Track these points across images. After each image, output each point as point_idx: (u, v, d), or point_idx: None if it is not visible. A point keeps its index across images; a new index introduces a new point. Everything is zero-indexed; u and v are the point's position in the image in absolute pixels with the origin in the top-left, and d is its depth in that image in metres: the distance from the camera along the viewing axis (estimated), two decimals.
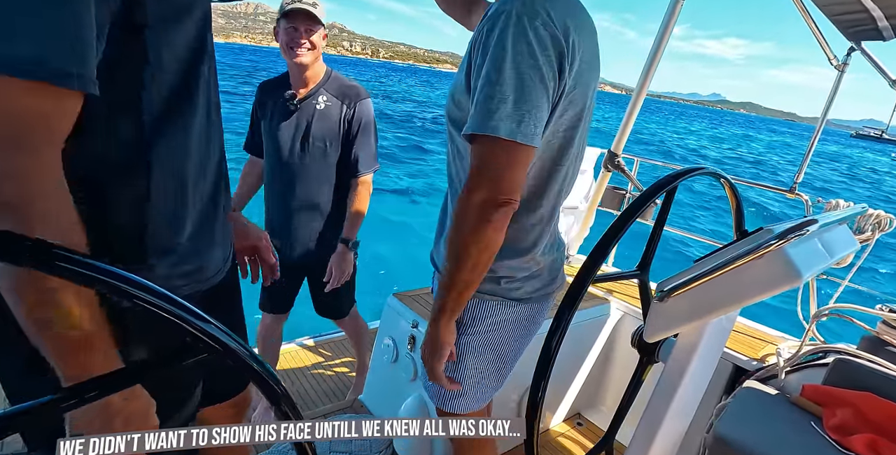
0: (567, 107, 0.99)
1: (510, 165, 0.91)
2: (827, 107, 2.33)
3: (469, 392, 1.20)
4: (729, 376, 1.93)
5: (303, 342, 2.96)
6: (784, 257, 0.90)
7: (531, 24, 0.88)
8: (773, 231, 0.95)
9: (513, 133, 0.88)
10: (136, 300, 0.52)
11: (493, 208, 0.91)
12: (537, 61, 0.88)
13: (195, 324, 0.56)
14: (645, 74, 2.45)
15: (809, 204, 2.23)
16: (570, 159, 1.08)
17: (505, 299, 1.13)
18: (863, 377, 1.50)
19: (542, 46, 0.88)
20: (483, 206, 0.91)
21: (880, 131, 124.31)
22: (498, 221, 0.92)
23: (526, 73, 0.88)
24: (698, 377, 1.26)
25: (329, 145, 1.97)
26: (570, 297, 1.05)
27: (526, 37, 0.87)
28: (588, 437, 2.26)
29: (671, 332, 1.15)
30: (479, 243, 0.93)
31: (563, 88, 0.95)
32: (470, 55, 0.97)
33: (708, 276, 0.99)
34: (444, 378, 1.09)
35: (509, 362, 1.23)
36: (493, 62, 0.88)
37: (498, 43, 0.88)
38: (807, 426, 1.44)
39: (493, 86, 0.88)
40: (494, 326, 1.15)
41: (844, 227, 1.23)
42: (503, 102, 0.88)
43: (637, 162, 2.81)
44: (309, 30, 1.84)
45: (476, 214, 0.91)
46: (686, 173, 1.17)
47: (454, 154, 1.11)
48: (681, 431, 1.34)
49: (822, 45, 2.20)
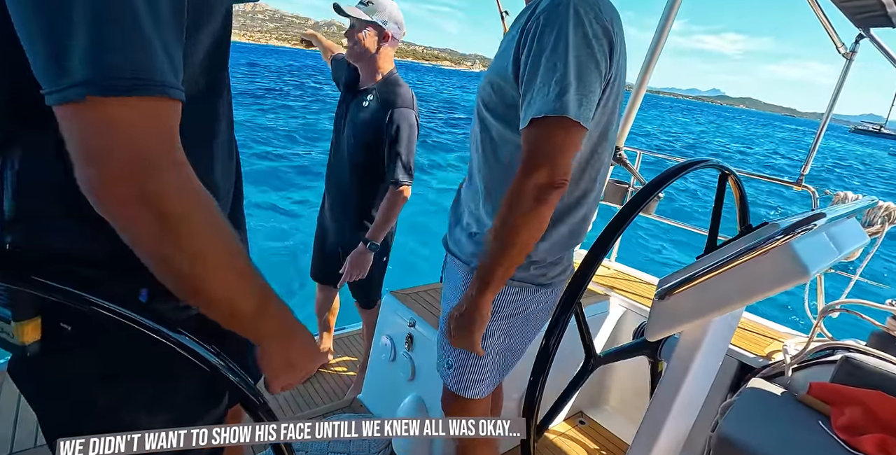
0: (609, 95, 1.06)
1: (568, 146, 0.98)
2: (834, 96, 2.27)
3: (487, 377, 1.27)
4: (735, 374, 1.89)
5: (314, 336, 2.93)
6: (791, 253, 0.86)
7: (587, 16, 0.96)
8: (779, 226, 0.90)
9: (578, 115, 0.95)
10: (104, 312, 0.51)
11: (550, 189, 0.97)
12: (593, 50, 0.97)
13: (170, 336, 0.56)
14: (645, 68, 2.41)
15: (817, 196, 2.18)
16: (606, 148, 1.16)
17: (532, 285, 1.19)
18: (871, 375, 1.46)
19: (597, 37, 0.97)
20: (542, 187, 0.96)
21: (879, 126, 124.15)
22: (552, 202, 0.98)
23: (584, 61, 0.96)
24: (702, 375, 1.22)
25: (362, 144, 2.04)
26: (571, 292, 1.01)
27: (584, 27, 0.96)
28: (590, 435, 2.22)
29: (673, 330, 1.11)
30: (534, 223, 0.99)
31: (610, 77, 1.03)
32: (519, 43, 1.03)
33: (711, 272, 0.95)
34: (479, 345, 1.12)
35: (521, 350, 1.30)
36: (555, 51, 0.96)
37: (559, 34, 0.96)
38: (814, 426, 1.40)
39: (555, 72, 0.95)
40: (515, 312, 1.21)
41: (853, 220, 1.18)
42: (568, 87, 0.95)
43: (640, 155, 2.76)
44: (351, 26, 1.98)
45: (534, 195, 0.97)
46: (689, 166, 1.13)
47: (486, 142, 1.16)
48: (685, 430, 1.31)
49: (830, 32, 2.14)
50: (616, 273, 2.58)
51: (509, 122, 1.10)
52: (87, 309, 0.57)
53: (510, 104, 1.08)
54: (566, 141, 0.97)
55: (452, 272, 1.28)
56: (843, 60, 2.17)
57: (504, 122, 1.11)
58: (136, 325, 0.59)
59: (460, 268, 1.25)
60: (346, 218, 2.18)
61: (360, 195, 2.13)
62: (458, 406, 1.32)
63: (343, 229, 2.21)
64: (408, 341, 1.85)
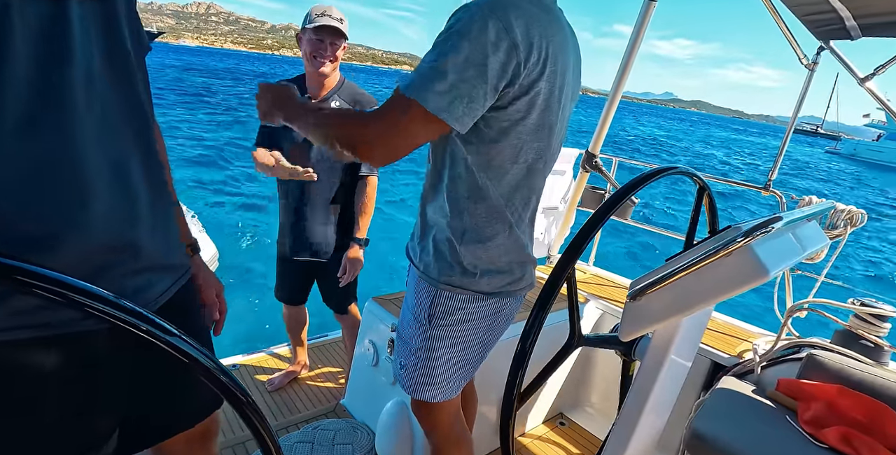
0: (522, 112, 1.05)
1: (393, 121, 0.98)
2: (798, 104, 2.37)
3: (439, 382, 1.28)
4: (707, 372, 1.96)
5: (287, 346, 2.93)
6: (751, 254, 0.91)
7: (494, 24, 0.94)
8: (740, 229, 0.96)
9: (439, 110, 0.95)
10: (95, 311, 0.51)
11: (350, 147, 1.02)
12: (486, 58, 0.94)
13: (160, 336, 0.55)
14: (620, 76, 2.48)
15: (783, 201, 2.27)
16: (522, 164, 1.13)
17: (473, 292, 1.20)
18: (834, 371, 1.53)
19: (495, 48, 0.95)
20: (350, 143, 1.02)
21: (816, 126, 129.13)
22: (346, 157, 1.04)
23: (473, 64, 0.94)
24: (674, 374, 1.26)
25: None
26: (545, 294, 1.05)
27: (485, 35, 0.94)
28: (571, 436, 2.26)
29: (645, 330, 1.15)
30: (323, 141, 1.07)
31: (512, 94, 1.01)
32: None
33: (678, 274, 0.99)
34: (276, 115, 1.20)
35: (477, 355, 1.30)
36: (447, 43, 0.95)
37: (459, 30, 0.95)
38: (782, 420, 1.46)
39: (438, 61, 0.95)
40: (464, 319, 1.22)
41: (813, 223, 1.25)
42: (441, 79, 0.94)
43: (615, 162, 2.83)
44: (334, 44, 1.98)
45: (341, 139, 1.03)
46: (659, 173, 1.18)
47: (443, 155, 1.15)
48: (658, 428, 1.35)
49: (793, 45, 2.24)
50: (593, 277, 2.64)
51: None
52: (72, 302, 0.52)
53: None
54: (395, 115, 0.98)
55: (412, 277, 1.31)
56: (806, 71, 2.26)
57: None
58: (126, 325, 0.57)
59: (411, 270, 1.31)
60: (325, 227, 2.19)
61: (343, 197, 2.18)
62: (424, 409, 1.35)
63: (321, 239, 2.19)
64: (390, 346, 1.87)
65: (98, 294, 0.51)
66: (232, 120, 19.87)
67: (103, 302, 0.51)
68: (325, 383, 2.60)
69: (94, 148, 0.74)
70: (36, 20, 0.66)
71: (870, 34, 2.03)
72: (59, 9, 0.69)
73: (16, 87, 0.65)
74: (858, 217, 2.05)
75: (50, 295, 0.49)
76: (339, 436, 1.97)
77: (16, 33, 0.64)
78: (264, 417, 0.63)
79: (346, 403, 2.25)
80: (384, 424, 1.81)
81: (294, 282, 2.38)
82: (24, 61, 0.66)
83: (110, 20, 0.79)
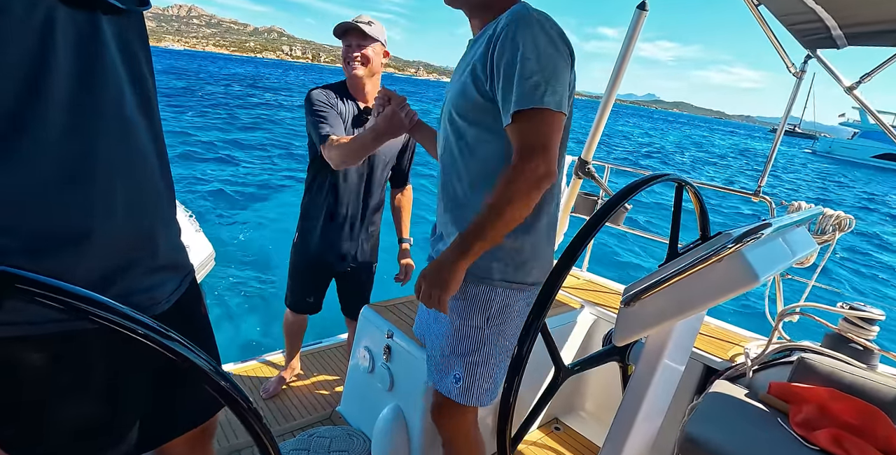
0: (571, 94, 1.19)
1: (553, 135, 1.10)
2: (787, 111, 2.41)
3: (499, 383, 1.36)
4: (700, 377, 1.97)
5: (280, 353, 2.92)
6: (742, 260, 0.93)
7: (548, 22, 1.11)
8: (731, 235, 0.98)
9: (554, 103, 1.09)
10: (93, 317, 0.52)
11: (546, 180, 1.09)
12: (558, 49, 1.11)
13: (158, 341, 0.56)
14: (612, 83, 2.50)
15: (773, 206, 2.30)
16: (564, 150, 1.28)
17: (523, 284, 1.30)
18: (825, 374, 1.55)
19: (561, 38, 1.12)
20: (540, 177, 1.08)
21: (793, 126, 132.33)
22: (544, 189, 1.11)
23: (553, 57, 1.10)
24: (668, 377, 1.28)
25: (390, 158, 2.18)
26: (541, 299, 1.06)
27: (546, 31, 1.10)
28: (565, 441, 2.27)
29: (639, 335, 1.17)
30: (525, 209, 1.11)
31: (572, 77, 1.17)
32: (488, 52, 1.14)
33: (671, 280, 1.01)
34: (447, 307, 1.20)
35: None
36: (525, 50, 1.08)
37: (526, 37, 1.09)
38: (774, 423, 1.48)
39: (528, 69, 1.07)
40: (520, 312, 1.32)
41: (802, 228, 1.27)
42: (541, 81, 1.07)
43: (608, 168, 2.86)
44: (360, 45, 1.99)
45: (532, 184, 1.08)
46: (651, 180, 1.20)
47: (461, 150, 1.26)
48: (653, 432, 1.37)
49: (781, 53, 2.28)
50: (587, 283, 2.66)
51: (482, 124, 1.21)
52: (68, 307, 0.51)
53: (483, 109, 1.19)
54: (550, 129, 1.09)
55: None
56: (794, 79, 2.30)
57: (477, 125, 1.22)
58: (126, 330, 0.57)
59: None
60: (367, 234, 2.26)
61: (381, 209, 2.29)
62: (459, 415, 1.39)
63: (364, 246, 2.26)
64: (386, 352, 1.88)
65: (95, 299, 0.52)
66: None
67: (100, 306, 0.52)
68: (321, 391, 2.59)
69: (121, 147, 0.80)
70: (75, 36, 0.72)
71: (855, 43, 2.08)
72: (94, 26, 0.75)
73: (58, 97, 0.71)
74: (846, 222, 2.08)
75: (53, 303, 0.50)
76: (335, 443, 1.97)
77: (58, 48, 0.69)
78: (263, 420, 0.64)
79: (342, 410, 2.25)
80: (380, 431, 1.82)
81: (319, 289, 2.33)
82: (64, 76, 0.71)
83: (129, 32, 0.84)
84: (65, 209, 0.74)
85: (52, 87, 0.70)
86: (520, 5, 1.18)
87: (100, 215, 0.78)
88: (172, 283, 0.94)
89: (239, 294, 5.68)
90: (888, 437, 1.36)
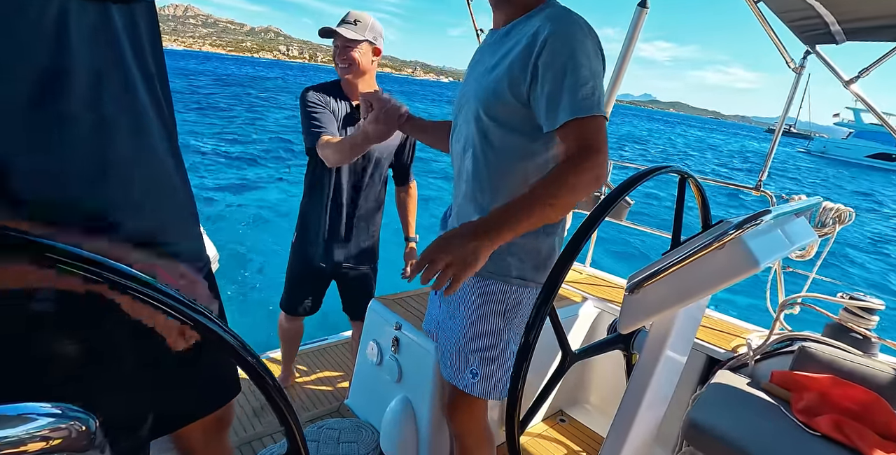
0: None
1: (606, 140, 1.13)
2: (787, 106, 2.44)
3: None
4: (703, 367, 2.00)
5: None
6: (743, 246, 0.96)
7: (591, 32, 1.15)
8: (732, 222, 1.01)
9: (604, 112, 1.13)
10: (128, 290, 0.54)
11: (601, 180, 1.12)
12: (600, 57, 1.16)
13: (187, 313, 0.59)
14: (613, 82, 2.54)
15: (774, 200, 2.33)
16: None
17: (538, 284, 1.32)
18: (826, 362, 1.58)
19: (599, 48, 1.16)
20: (599, 177, 1.10)
21: (789, 126, 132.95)
22: (595, 190, 1.15)
23: (598, 65, 1.14)
24: (671, 366, 1.31)
25: (388, 155, 2.17)
26: (546, 293, 1.09)
27: (591, 39, 1.14)
28: (571, 433, 2.30)
29: (642, 322, 1.20)
30: (576, 200, 1.12)
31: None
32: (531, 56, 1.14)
33: (674, 267, 1.04)
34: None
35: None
36: (575, 58, 1.11)
37: (574, 44, 1.11)
38: (776, 410, 1.50)
39: (584, 77, 1.11)
40: (529, 311, 1.31)
41: (802, 218, 1.30)
42: (596, 90, 1.12)
43: (609, 164, 2.88)
44: (346, 47, 1.98)
45: (591, 180, 1.09)
46: (651, 172, 1.22)
47: (486, 148, 1.27)
48: (657, 420, 1.39)
49: (781, 49, 2.31)
50: (590, 277, 2.69)
51: (509, 124, 1.23)
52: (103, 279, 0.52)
53: (512, 109, 1.21)
54: (604, 136, 1.13)
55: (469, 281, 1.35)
56: (793, 75, 2.33)
57: (504, 126, 1.24)
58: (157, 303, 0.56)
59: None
60: (369, 235, 2.26)
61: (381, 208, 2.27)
62: (474, 410, 1.42)
63: (368, 247, 2.27)
64: (394, 344, 1.91)
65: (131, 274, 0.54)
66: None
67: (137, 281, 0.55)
68: (327, 386, 2.63)
69: (135, 140, 0.83)
70: (89, 27, 0.74)
71: (854, 38, 2.11)
72: (105, 16, 0.76)
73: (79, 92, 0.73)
74: (846, 215, 2.11)
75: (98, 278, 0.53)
76: (345, 434, 2.00)
77: (72, 37, 0.71)
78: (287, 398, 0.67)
79: (350, 403, 2.29)
80: (389, 422, 1.85)
81: (317, 291, 2.31)
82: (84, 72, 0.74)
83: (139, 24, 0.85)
84: (93, 203, 0.77)
85: (72, 83, 0.72)
86: (560, 7, 1.19)
87: (123, 208, 0.81)
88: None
89: (239, 294, 5.72)
90: (888, 422, 1.39)
